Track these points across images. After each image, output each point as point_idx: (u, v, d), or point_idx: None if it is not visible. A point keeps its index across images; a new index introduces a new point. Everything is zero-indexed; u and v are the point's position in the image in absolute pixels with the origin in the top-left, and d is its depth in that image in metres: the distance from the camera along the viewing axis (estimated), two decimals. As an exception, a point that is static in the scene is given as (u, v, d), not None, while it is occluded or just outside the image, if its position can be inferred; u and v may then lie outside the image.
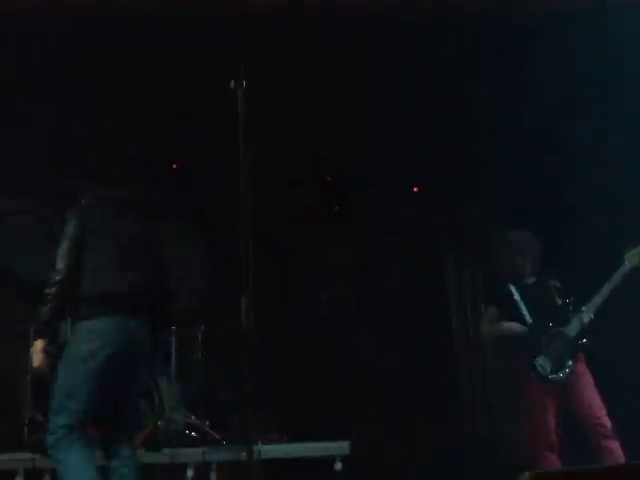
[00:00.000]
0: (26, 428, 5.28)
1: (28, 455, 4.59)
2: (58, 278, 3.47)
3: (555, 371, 4.51)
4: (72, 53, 5.29)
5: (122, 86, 5.62)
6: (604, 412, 4.43)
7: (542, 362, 4.53)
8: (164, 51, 5.26)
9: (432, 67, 5.51)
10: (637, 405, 4.92)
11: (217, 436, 5.48)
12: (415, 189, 7.68)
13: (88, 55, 5.31)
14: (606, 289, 4.54)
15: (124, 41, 5.18)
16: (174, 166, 7.08)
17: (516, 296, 4.74)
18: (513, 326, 4.77)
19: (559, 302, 4.71)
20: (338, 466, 5.09)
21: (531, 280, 4.81)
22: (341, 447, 5.16)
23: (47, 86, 5.56)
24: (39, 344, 3.45)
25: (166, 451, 4.92)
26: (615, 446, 4.34)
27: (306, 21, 5.00)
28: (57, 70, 5.45)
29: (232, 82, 3.25)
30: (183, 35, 5.14)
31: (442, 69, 5.53)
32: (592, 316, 4.54)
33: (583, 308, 4.57)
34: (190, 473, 4.81)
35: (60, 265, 3.51)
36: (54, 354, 3.49)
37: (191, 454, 4.95)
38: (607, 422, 4.40)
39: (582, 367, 4.56)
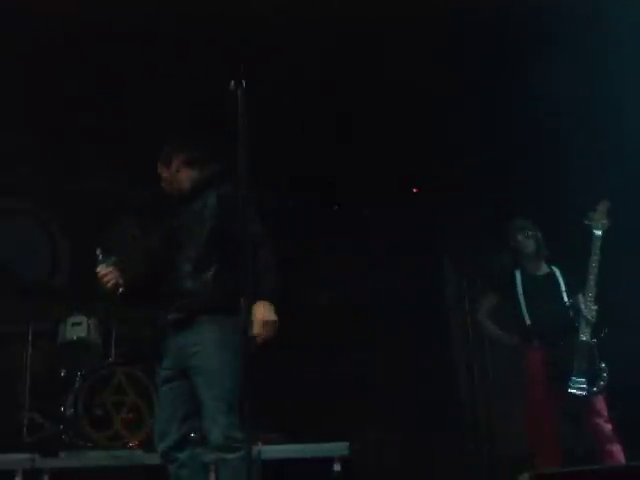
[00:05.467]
0: (25, 428, 5.28)
1: (27, 455, 4.59)
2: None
3: (592, 385, 4.34)
4: (72, 55, 5.30)
5: (122, 87, 5.62)
6: (605, 414, 4.40)
7: (577, 383, 4.32)
8: (164, 51, 5.27)
9: (433, 66, 5.52)
10: (637, 406, 4.92)
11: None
12: (414, 189, 7.69)
13: (87, 56, 5.32)
14: (592, 271, 4.32)
15: (124, 42, 5.18)
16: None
17: (520, 289, 4.62)
18: (504, 338, 4.77)
19: (566, 299, 4.55)
20: (337, 467, 5.08)
21: (539, 271, 4.69)
22: (340, 448, 5.15)
23: (48, 86, 5.57)
24: None
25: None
26: (616, 449, 4.31)
27: (306, 21, 5.02)
28: (57, 71, 5.45)
29: (232, 82, 3.25)
30: (183, 35, 5.15)
31: (443, 68, 5.54)
32: (594, 307, 4.34)
33: (582, 306, 4.38)
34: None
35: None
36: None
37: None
38: (608, 424, 4.38)
39: None
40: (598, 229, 4.40)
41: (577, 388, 4.33)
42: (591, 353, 4.37)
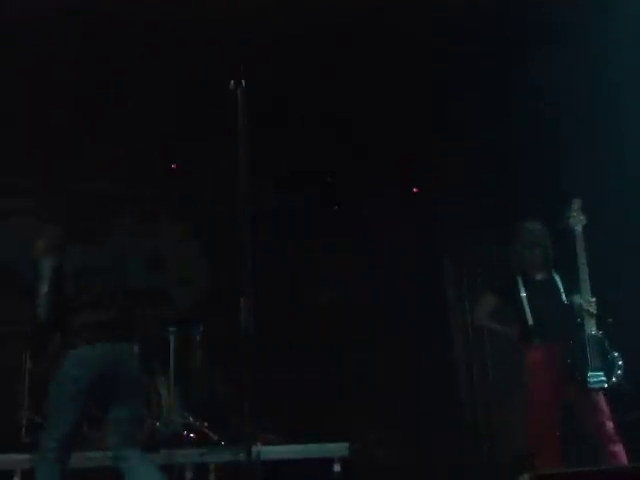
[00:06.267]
0: (24, 429, 5.28)
1: (26, 456, 4.57)
2: (42, 321, 3.85)
3: (610, 376, 4.31)
4: (73, 55, 5.30)
5: (122, 87, 5.62)
6: (608, 414, 4.38)
7: (595, 377, 4.28)
8: (164, 51, 5.27)
9: (433, 66, 5.52)
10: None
11: (215, 437, 5.47)
12: (414, 189, 7.68)
13: (88, 56, 5.32)
14: (582, 266, 4.39)
15: (124, 42, 5.18)
16: (173, 166, 7.08)
17: (522, 292, 4.62)
18: (501, 330, 4.80)
19: (566, 301, 4.55)
20: (337, 467, 5.07)
21: (540, 276, 4.68)
22: (340, 448, 5.14)
23: (48, 86, 5.56)
24: None
25: (164, 452, 4.90)
26: (619, 450, 4.28)
27: (305, 21, 5.02)
28: (58, 71, 5.45)
29: (232, 82, 3.25)
30: (183, 36, 5.15)
31: (442, 68, 5.54)
32: (592, 299, 4.38)
33: (581, 301, 4.40)
34: (188, 474, 4.80)
35: (43, 311, 3.83)
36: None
37: (189, 455, 4.94)
38: (610, 423, 4.36)
39: None
40: (578, 226, 4.49)
41: (596, 382, 4.30)
42: (601, 345, 4.38)
